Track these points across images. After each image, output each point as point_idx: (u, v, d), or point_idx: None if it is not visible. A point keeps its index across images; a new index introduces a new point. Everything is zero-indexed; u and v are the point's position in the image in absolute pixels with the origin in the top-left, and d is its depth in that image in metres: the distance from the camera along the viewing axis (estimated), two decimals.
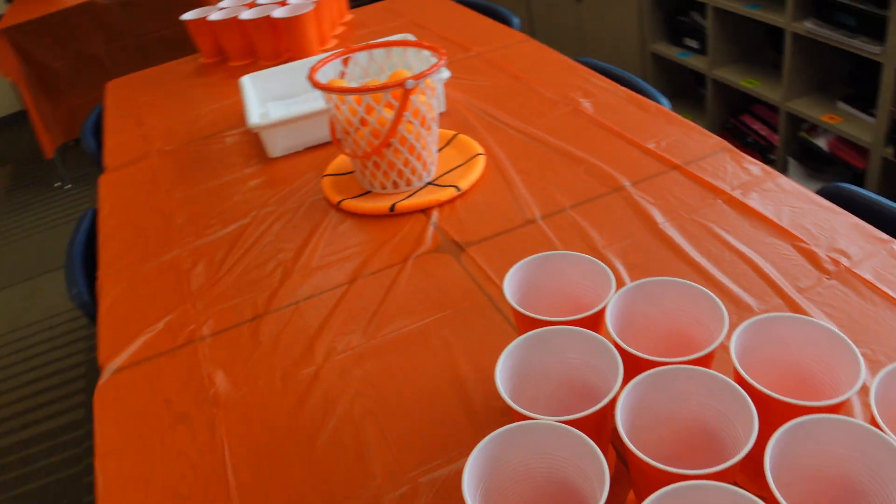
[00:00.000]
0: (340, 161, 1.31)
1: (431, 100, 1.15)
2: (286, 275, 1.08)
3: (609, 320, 0.67)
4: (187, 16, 2.00)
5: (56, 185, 3.78)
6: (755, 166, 1.15)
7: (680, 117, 1.32)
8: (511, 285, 0.74)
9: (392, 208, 1.15)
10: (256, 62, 1.95)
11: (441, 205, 1.16)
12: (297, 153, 1.42)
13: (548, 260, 0.76)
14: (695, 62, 2.73)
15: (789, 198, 1.05)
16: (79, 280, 1.22)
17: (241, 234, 1.20)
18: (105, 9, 3.29)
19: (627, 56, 3.04)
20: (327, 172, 1.29)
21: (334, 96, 1.11)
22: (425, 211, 1.16)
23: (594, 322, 0.69)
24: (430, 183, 1.21)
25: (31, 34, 3.24)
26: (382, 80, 1.27)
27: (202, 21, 1.97)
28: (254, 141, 1.51)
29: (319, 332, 0.95)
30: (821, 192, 1.06)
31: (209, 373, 0.93)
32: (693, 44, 2.77)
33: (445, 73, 1.41)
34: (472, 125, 1.40)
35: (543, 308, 0.76)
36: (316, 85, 1.11)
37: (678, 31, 2.84)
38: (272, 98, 1.62)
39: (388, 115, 1.12)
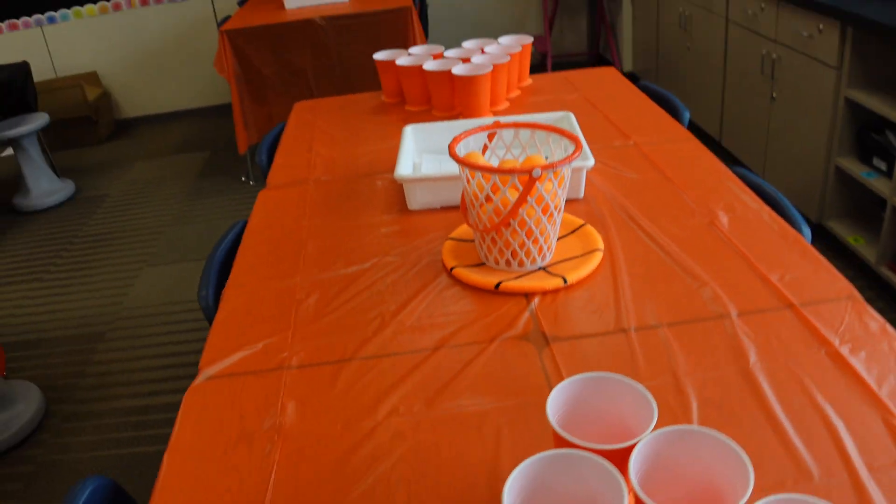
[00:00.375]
0: (466, 228, 1.37)
1: (558, 189, 1.18)
2: (382, 326, 1.14)
3: (634, 462, 0.68)
4: (379, 55, 2.15)
5: (242, 179, 4.11)
6: (875, 322, 1.10)
7: (815, 252, 1.28)
8: (558, 399, 0.77)
9: (497, 286, 1.20)
10: (430, 110, 2.06)
11: (545, 293, 1.19)
12: (435, 210, 1.50)
13: (598, 382, 0.78)
14: (878, 184, 2.58)
15: None
16: (210, 284, 1.35)
17: (357, 277, 1.28)
18: (320, 28, 3.55)
19: (811, 163, 2.92)
20: (452, 236, 1.35)
21: (466, 169, 1.17)
22: (528, 295, 1.19)
23: (622, 455, 0.70)
24: (542, 268, 1.24)
25: (249, 40, 3.56)
26: (522, 158, 1.32)
27: (390, 63, 2.11)
28: (399, 189, 1.60)
29: (390, 390, 1.00)
30: None
31: (284, 401, 1.00)
32: (881, 165, 2.63)
33: (590, 162, 1.44)
34: (603, 217, 1.42)
35: (583, 429, 0.77)
36: (452, 154, 1.17)
37: (869, 148, 2.70)
38: (429, 151, 1.71)
39: (512, 197, 1.16)
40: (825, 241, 2.91)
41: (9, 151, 5.06)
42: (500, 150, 1.37)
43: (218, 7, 5.18)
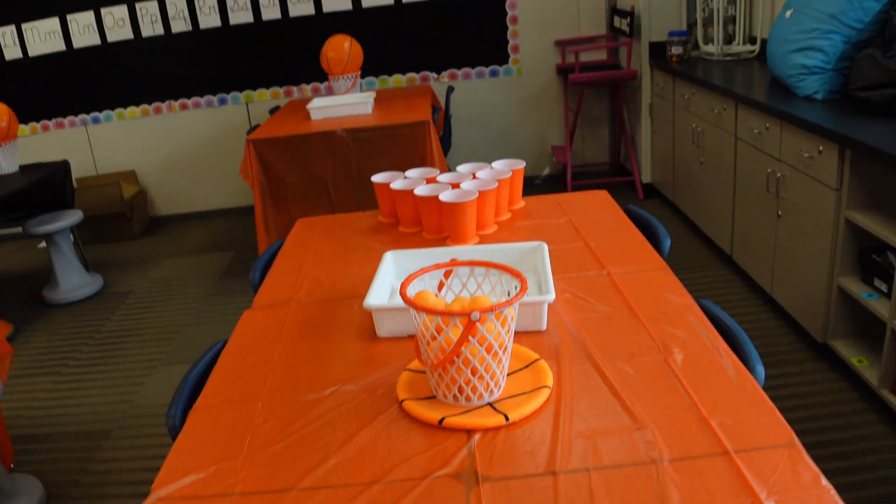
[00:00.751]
0: None
1: (501, 329, 1.24)
2: (326, 457, 1.20)
3: None
4: (376, 178, 2.26)
5: None
6: (809, 473, 1.12)
7: (762, 395, 1.31)
8: None
9: (441, 421, 1.25)
10: (421, 232, 2.15)
11: (486, 430, 1.24)
12: (402, 338, 1.56)
13: None
14: (878, 306, 2.59)
15: None
16: (180, 403, 1.42)
17: (315, 405, 1.35)
18: (341, 139, 3.72)
19: (815, 282, 2.94)
20: (409, 367, 1.41)
21: (412, 308, 1.24)
22: (470, 432, 1.24)
23: None
24: (489, 403, 1.29)
25: (274, 149, 3.74)
26: (477, 294, 1.39)
27: (385, 186, 2.22)
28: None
29: None
30: None
31: None
32: (882, 286, 2.64)
33: (550, 297, 1.51)
34: (559, 351, 1.47)
35: None
36: (402, 294, 1.25)
37: (870, 269, 2.72)
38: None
39: (456, 336, 1.23)
40: (829, 361, 2.91)
41: (43, 244, 5.28)
42: (456, 285, 1.44)
43: (252, 113, 5.44)
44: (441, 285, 1.41)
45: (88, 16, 5.27)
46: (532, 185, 5.57)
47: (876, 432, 2.47)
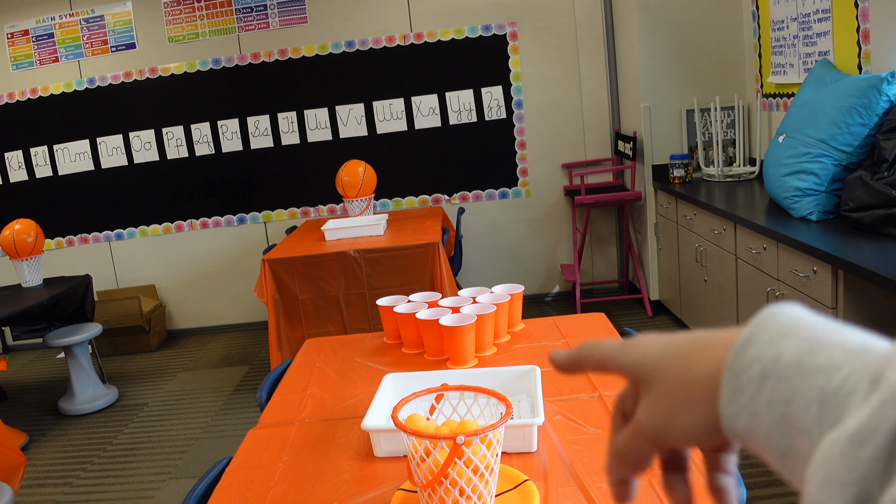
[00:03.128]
0: None
1: (487, 452, 1.32)
2: None
3: None
4: (382, 301, 2.37)
5: None
6: None
7: None
8: None
9: None
10: (423, 354, 2.24)
11: None
12: (399, 458, 1.63)
13: None
14: None
15: None
16: None
17: None
18: (353, 260, 3.87)
19: None
20: (402, 487, 1.48)
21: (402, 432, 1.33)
22: None
23: None
24: None
25: (288, 269, 3.88)
26: (467, 417, 1.47)
27: (389, 309, 2.33)
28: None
29: None
30: None
31: None
32: None
33: (539, 420, 1.58)
34: (548, 472, 1.53)
35: None
36: (393, 417, 1.33)
37: None
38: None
39: (443, 458, 1.30)
40: None
41: (61, 355, 5.40)
42: (447, 408, 1.52)
43: (270, 232, 5.64)
44: (433, 409, 1.49)
45: (117, 139, 5.56)
46: (542, 303, 5.68)
47: None
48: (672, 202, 4.61)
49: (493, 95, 5.45)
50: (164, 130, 5.54)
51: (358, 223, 4.38)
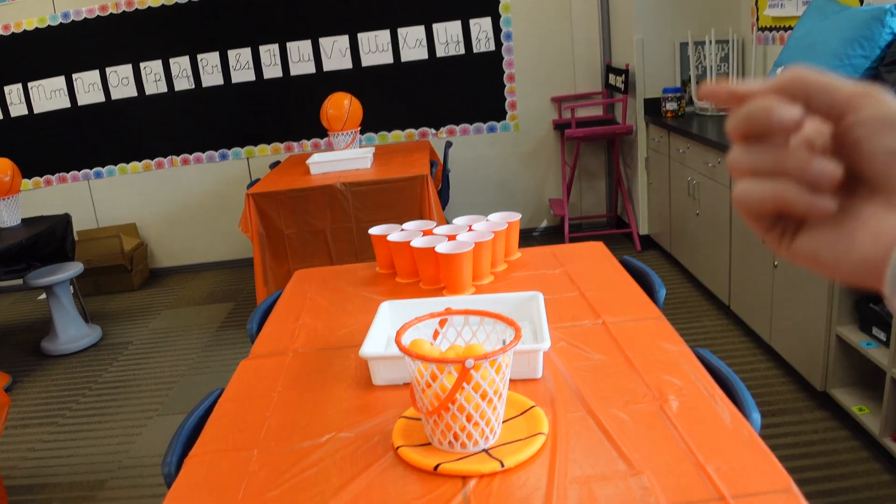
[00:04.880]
0: None
1: (496, 376, 1.25)
2: None
3: None
4: (374, 230, 2.29)
5: None
6: None
7: (760, 442, 1.31)
8: None
9: (436, 468, 1.25)
10: (419, 283, 2.17)
11: (482, 476, 1.24)
12: (398, 386, 1.57)
13: None
14: (877, 355, 2.60)
15: None
16: (175, 451, 1.42)
17: (310, 453, 1.35)
18: (339, 193, 3.77)
19: (813, 332, 2.95)
20: (405, 414, 1.42)
21: (407, 356, 1.26)
22: (465, 478, 1.24)
23: None
24: (484, 450, 1.30)
25: (273, 203, 3.78)
26: (472, 342, 1.40)
27: (383, 238, 2.24)
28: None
29: None
30: None
31: None
32: (881, 335, 2.65)
33: (545, 345, 1.52)
34: (554, 398, 1.48)
35: None
36: (396, 342, 1.26)
37: (868, 318, 2.73)
38: None
39: (450, 383, 1.24)
40: (830, 410, 2.90)
41: (43, 296, 5.29)
42: (451, 334, 1.45)
43: (253, 168, 5.51)
44: (436, 334, 1.43)
45: (94, 75, 5.36)
46: (530, 238, 5.61)
47: (879, 481, 2.45)
48: (664, 136, 4.53)
49: (481, 27, 5.29)
50: (143, 65, 5.35)
51: (344, 156, 4.26)
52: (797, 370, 3.13)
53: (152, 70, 5.35)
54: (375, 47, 5.30)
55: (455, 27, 5.27)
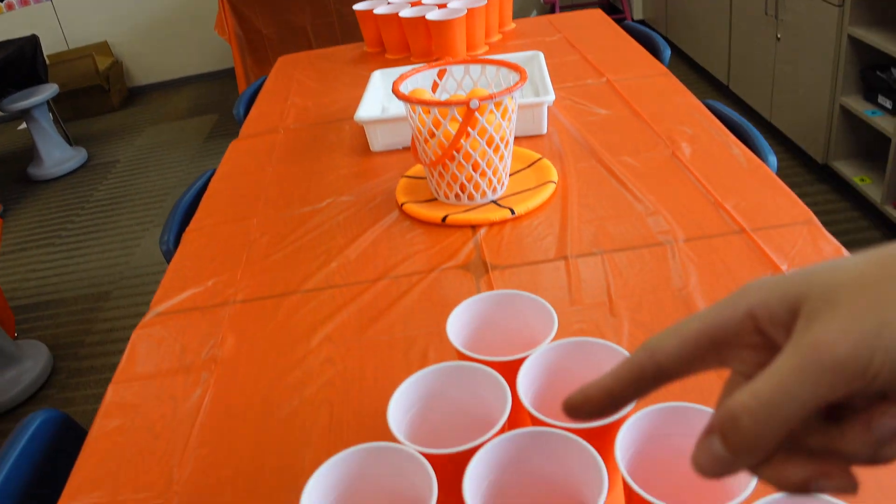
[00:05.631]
0: (421, 166, 1.37)
1: (503, 121, 1.18)
2: (328, 261, 1.15)
3: (525, 373, 0.68)
4: (359, 6, 2.13)
5: None
6: (830, 246, 1.08)
7: (777, 180, 1.26)
8: (460, 318, 0.77)
9: (444, 219, 1.20)
10: (409, 57, 2.05)
11: (492, 224, 1.19)
12: (397, 151, 1.50)
13: (501, 298, 0.78)
14: (883, 123, 2.53)
15: None
16: (172, 229, 1.37)
17: (311, 217, 1.29)
18: None
19: (816, 104, 2.86)
20: (407, 174, 1.35)
21: (408, 104, 1.17)
22: (474, 227, 1.19)
23: (514, 367, 0.70)
24: (493, 201, 1.24)
25: (249, 2, 3.55)
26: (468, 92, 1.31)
27: (369, 13, 2.10)
28: (364, 133, 1.60)
29: (326, 320, 1.01)
30: None
31: (225, 334, 1.02)
32: (886, 103, 2.56)
33: (549, 97, 1.43)
34: (563, 151, 1.41)
35: (489, 346, 0.78)
36: (394, 90, 1.17)
37: (874, 86, 2.63)
38: None
39: (454, 130, 1.16)
40: (831, 183, 2.87)
41: (23, 125, 5.13)
42: (451, 85, 1.36)
43: None
44: (435, 86, 1.33)
45: None
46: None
47: None
48: None
49: None
50: None
51: None
52: (798, 144, 3.06)
53: None
54: None
55: None
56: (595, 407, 0.36)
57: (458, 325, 0.76)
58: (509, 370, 0.69)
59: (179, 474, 0.82)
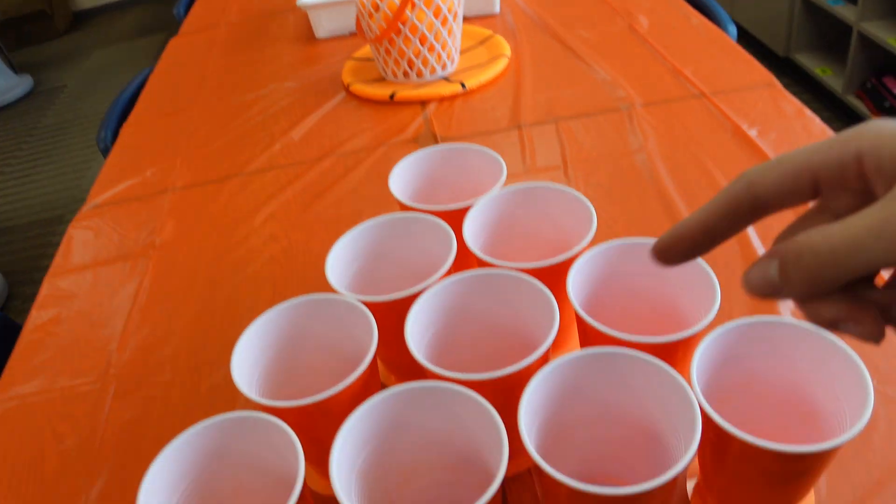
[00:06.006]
0: (369, 48, 1.31)
1: None
2: (270, 143, 1.10)
3: (472, 220, 0.64)
4: None
5: None
6: (791, 106, 1.04)
7: (737, 46, 1.21)
8: (405, 170, 0.73)
9: (392, 96, 1.14)
10: None
11: (442, 99, 1.14)
12: (344, 37, 1.43)
13: (446, 153, 0.74)
14: (844, 12, 2.47)
15: (812, 141, 0.95)
16: (109, 126, 1.30)
17: (254, 104, 1.23)
18: None
19: None
20: (354, 56, 1.29)
21: None
22: (424, 103, 1.14)
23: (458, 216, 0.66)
24: (443, 77, 1.19)
25: None
26: None
27: None
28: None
29: (270, 199, 0.97)
30: None
31: (164, 220, 0.97)
32: None
33: None
34: (516, 28, 1.35)
35: (434, 201, 0.74)
36: None
37: None
38: None
39: (399, 1, 1.09)
40: (792, 76, 2.83)
41: None
42: None
43: None
44: None
45: None
46: None
47: None
48: None
49: None
50: None
51: None
52: (758, 38, 3.01)
53: None
54: None
55: None
56: (688, 245, 0.33)
57: (401, 181, 0.72)
58: (456, 220, 0.65)
59: (118, 358, 0.78)
